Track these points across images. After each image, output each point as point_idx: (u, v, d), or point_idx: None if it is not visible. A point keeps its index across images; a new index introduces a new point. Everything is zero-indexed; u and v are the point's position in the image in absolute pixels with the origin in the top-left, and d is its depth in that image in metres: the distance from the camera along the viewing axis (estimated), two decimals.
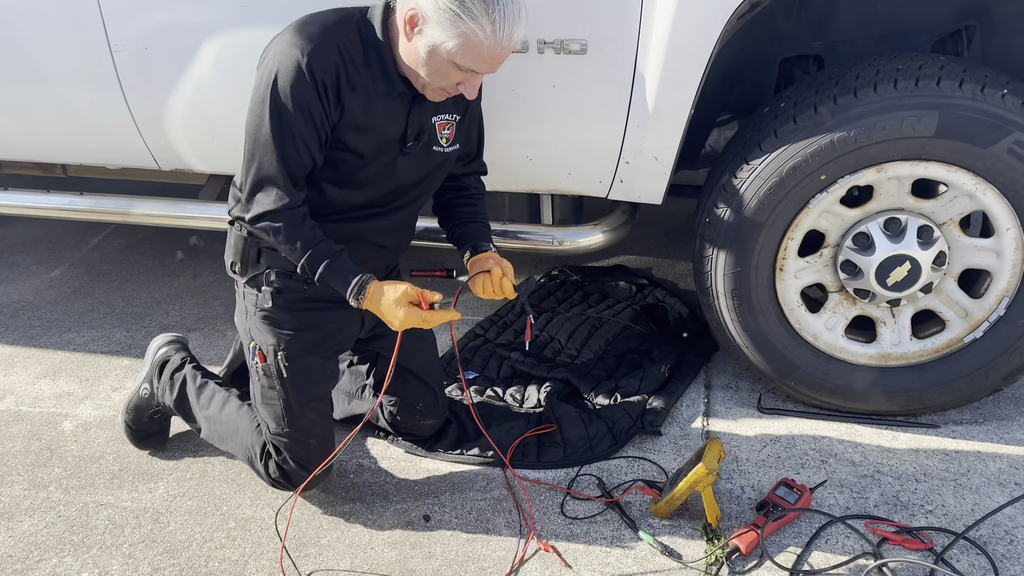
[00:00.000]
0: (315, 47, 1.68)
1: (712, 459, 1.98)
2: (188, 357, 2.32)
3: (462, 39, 1.61)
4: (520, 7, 1.64)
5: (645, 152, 2.21)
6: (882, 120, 2.01)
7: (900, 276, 2.16)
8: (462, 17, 1.59)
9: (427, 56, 1.67)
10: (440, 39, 1.63)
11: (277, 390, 2.00)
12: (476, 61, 1.65)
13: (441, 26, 1.61)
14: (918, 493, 2.13)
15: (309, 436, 2.06)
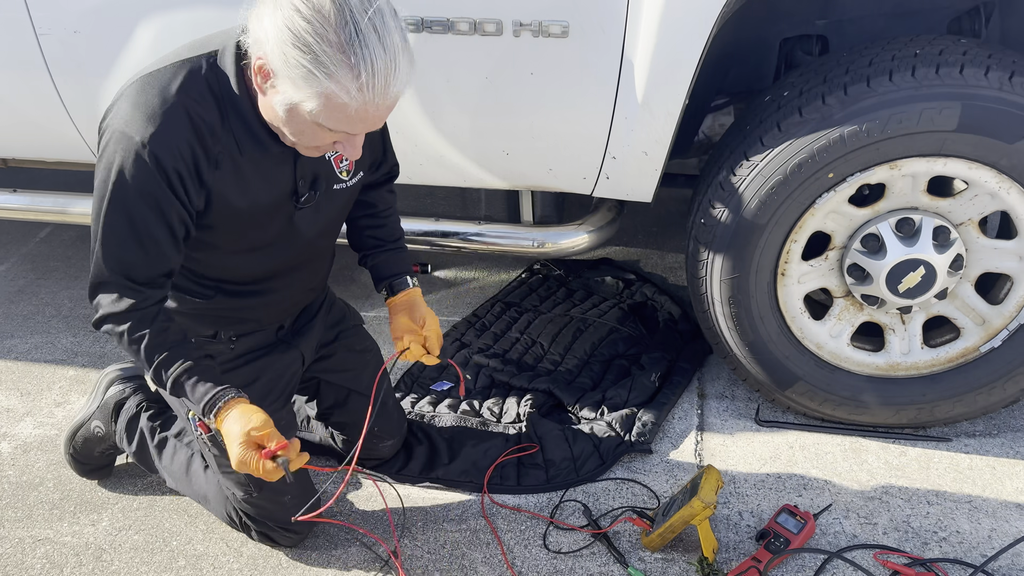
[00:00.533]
0: (158, 129, 1.37)
1: (709, 491, 1.80)
2: (143, 400, 2.10)
3: (322, 100, 1.28)
4: (397, 50, 1.27)
5: (634, 146, 2.00)
6: (898, 112, 1.80)
7: (913, 282, 1.97)
8: (315, 75, 1.25)
9: (286, 116, 1.35)
10: (296, 99, 1.30)
11: None
12: (346, 123, 1.33)
13: (293, 83, 1.28)
14: (930, 517, 1.96)
15: (282, 495, 1.85)
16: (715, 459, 2.15)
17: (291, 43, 1.24)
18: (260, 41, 1.29)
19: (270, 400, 1.81)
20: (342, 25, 1.23)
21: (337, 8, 1.23)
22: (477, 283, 2.99)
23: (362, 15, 1.24)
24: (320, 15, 1.23)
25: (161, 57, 1.49)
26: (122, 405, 2.10)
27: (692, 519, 1.80)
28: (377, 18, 1.25)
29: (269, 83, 1.33)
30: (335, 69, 1.24)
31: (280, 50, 1.26)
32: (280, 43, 1.25)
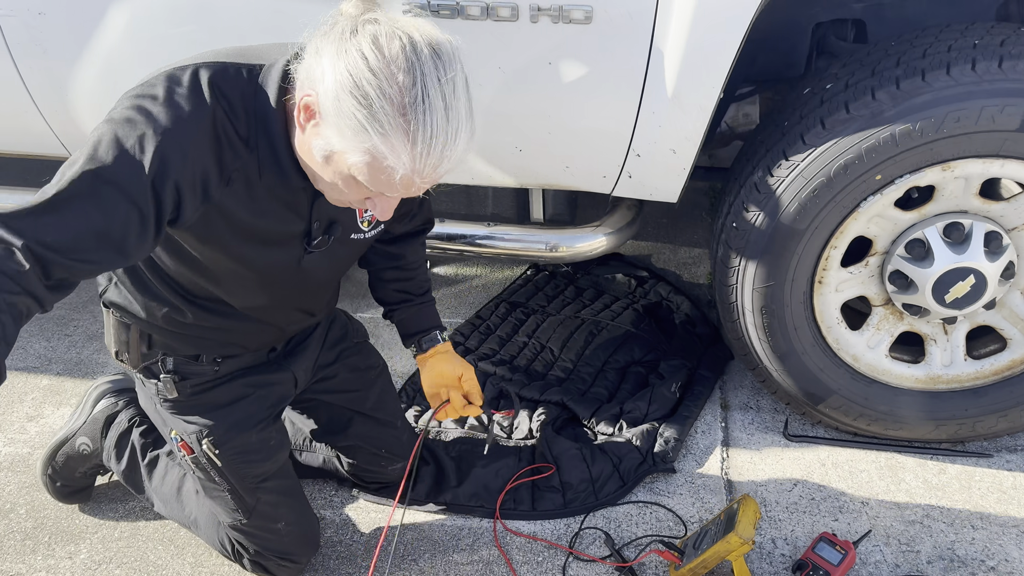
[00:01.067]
0: (178, 127, 1.17)
1: (747, 525, 1.65)
2: (135, 414, 1.92)
3: (367, 157, 1.13)
4: (460, 123, 1.14)
5: (660, 143, 1.82)
6: (955, 110, 1.63)
7: (962, 292, 1.82)
8: (367, 130, 1.10)
9: (323, 161, 1.20)
10: (339, 148, 1.15)
11: (217, 481, 1.63)
12: (387, 186, 1.18)
13: (340, 132, 1.13)
14: (976, 544, 1.83)
15: (274, 521, 1.70)
16: (743, 479, 2.01)
17: (349, 90, 1.10)
18: (314, 79, 1.14)
19: (256, 419, 1.64)
20: (409, 85, 1.09)
21: (409, 65, 1.09)
22: (480, 281, 2.82)
23: (433, 80, 1.10)
24: (389, 69, 1.09)
25: (201, 53, 1.29)
26: (113, 419, 1.92)
27: (728, 555, 1.65)
28: (448, 86, 1.12)
29: (312, 123, 1.18)
30: (390, 130, 1.10)
31: (335, 93, 1.11)
32: (337, 86, 1.11)
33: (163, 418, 1.64)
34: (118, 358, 1.58)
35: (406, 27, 1.12)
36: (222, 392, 1.61)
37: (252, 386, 1.65)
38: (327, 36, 1.14)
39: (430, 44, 1.12)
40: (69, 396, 2.33)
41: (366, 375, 1.84)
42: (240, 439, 1.60)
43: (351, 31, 1.11)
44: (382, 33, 1.10)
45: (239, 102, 1.24)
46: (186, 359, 1.57)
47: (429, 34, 1.13)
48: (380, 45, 1.09)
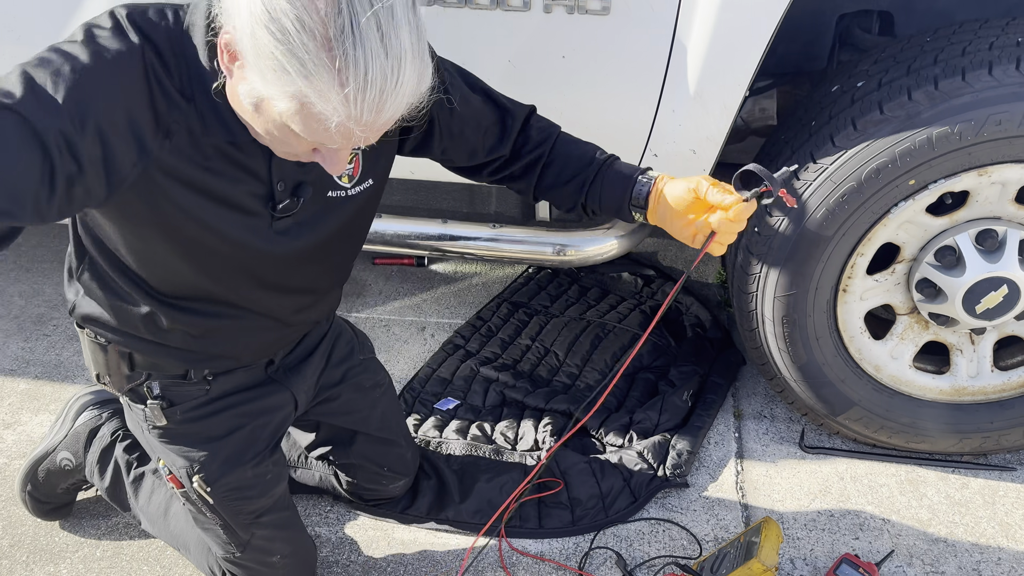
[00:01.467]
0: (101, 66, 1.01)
1: (771, 551, 1.56)
2: (118, 427, 1.80)
3: (294, 103, 0.96)
4: (403, 55, 0.94)
5: (680, 143, 1.72)
6: (997, 112, 1.53)
7: (994, 302, 1.73)
8: (288, 71, 0.93)
9: (253, 110, 1.03)
10: (264, 93, 0.98)
11: (209, 516, 1.51)
12: (324, 136, 1.00)
13: (262, 75, 0.96)
14: (1003, 564, 1.75)
15: (270, 555, 1.59)
16: (758, 493, 1.92)
17: (264, 24, 0.92)
18: (231, 12, 0.97)
19: (252, 453, 1.50)
20: (335, 13, 0.90)
21: None
22: (480, 279, 2.71)
23: (364, 3, 0.91)
24: (310, 2, 0.90)
25: None
26: (96, 432, 1.80)
27: None
28: (385, 12, 0.92)
29: (236, 65, 1.01)
30: (313, 69, 0.92)
31: (251, 29, 0.94)
32: (252, 20, 0.93)
33: (151, 446, 1.52)
34: (100, 381, 1.45)
35: None
36: (215, 423, 1.47)
37: (248, 416, 1.50)
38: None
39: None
40: (48, 401, 2.21)
41: (371, 394, 1.72)
42: (234, 475, 1.47)
43: None
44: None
45: (167, 46, 1.06)
46: (173, 380, 1.42)
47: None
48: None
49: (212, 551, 1.63)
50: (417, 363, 2.34)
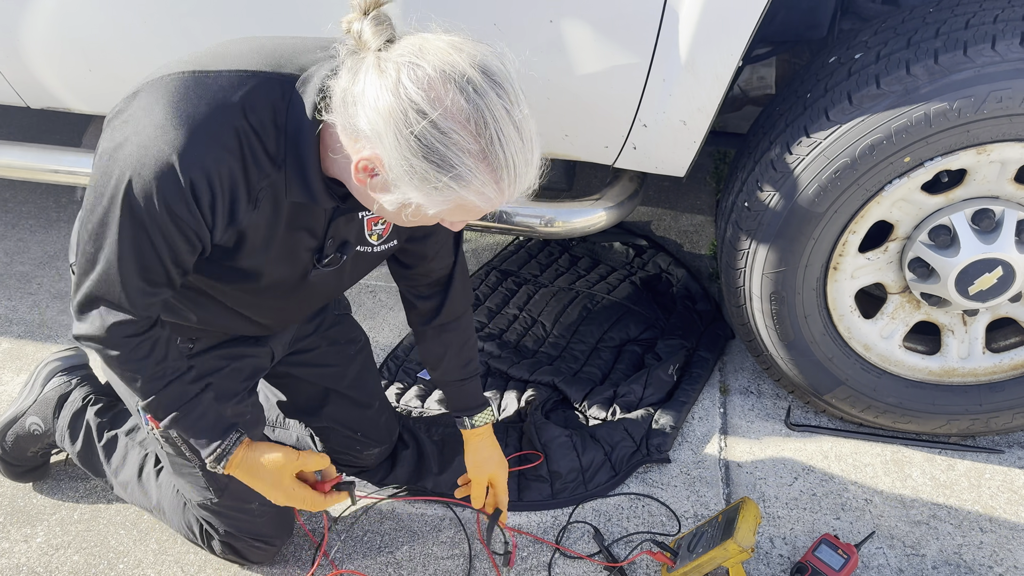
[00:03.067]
0: (198, 145, 1.08)
1: (747, 532, 1.55)
2: (89, 392, 1.79)
3: (452, 204, 1.06)
4: (532, 137, 1.04)
5: (670, 114, 1.66)
6: (998, 89, 1.48)
7: (987, 284, 1.69)
8: (452, 187, 1.02)
9: (397, 210, 1.10)
10: (419, 202, 1.06)
11: (188, 457, 1.50)
12: (467, 216, 1.12)
13: (421, 191, 1.04)
14: (984, 548, 1.74)
15: (247, 501, 1.58)
16: (741, 470, 1.91)
17: (422, 155, 1.01)
18: (365, 134, 1.04)
19: (231, 391, 1.53)
20: (482, 129, 1.00)
21: (474, 108, 0.99)
22: (469, 246, 2.67)
23: (502, 112, 1.00)
24: (456, 122, 0.99)
25: (216, 50, 1.16)
26: (65, 399, 1.79)
27: (725, 562, 1.55)
28: (515, 109, 1.02)
29: (377, 179, 1.08)
30: (472, 178, 1.02)
31: (405, 159, 1.01)
32: (406, 151, 1.01)
33: None
34: None
35: (446, 59, 1.00)
36: (195, 364, 1.47)
37: (226, 359, 1.52)
38: (358, 73, 1.03)
39: (482, 71, 1.01)
40: (30, 361, 2.20)
41: (346, 349, 1.72)
42: None
43: (394, 79, 0.99)
44: (427, 78, 0.98)
45: (269, 116, 1.12)
46: None
47: (473, 57, 1.01)
48: (437, 96, 0.98)
49: (188, 504, 1.63)
50: (402, 331, 2.31)
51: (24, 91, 1.96)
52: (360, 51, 1.05)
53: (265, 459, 1.38)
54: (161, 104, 1.09)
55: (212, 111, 1.09)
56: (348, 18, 1.06)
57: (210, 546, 1.67)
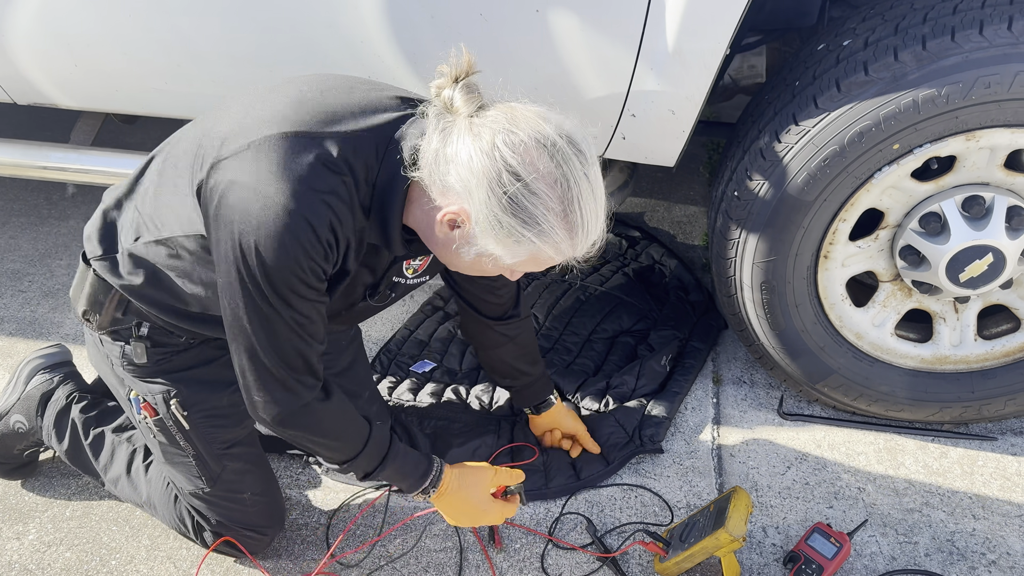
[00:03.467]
0: (311, 195, 1.16)
1: (739, 522, 1.54)
2: (73, 390, 1.79)
3: (528, 256, 1.18)
4: (601, 201, 1.18)
5: (659, 103, 1.66)
6: (986, 75, 1.47)
7: (978, 271, 1.68)
8: (529, 238, 1.14)
9: (472, 262, 1.24)
10: (495, 252, 1.18)
11: (182, 446, 1.51)
12: (540, 267, 1.24)
13: (502, 244, 1.16)
14: (976, 535, 1.74)
15: (239, 491, 1.59)
16: (734, 460, 1.90)
17: (511, 212, 1.12)
18: (455, 191, 1.15)
19: (226, 383, 1.52)
20: (565, 191, 1.12)
21: (561, 173, 1.11)
22: None
23: (582, 176, 1.13)
24: (546, 184, 1.11)
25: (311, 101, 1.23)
26: (49, 397, 1.79)
27: (717, 551, 1.55)
28: (592, 172, 1.15)
29: (459, 232, 1.19)
30: (552, 234, 1.14)
31: (494, 215, 1.13)
32: (496, 208, 1.12)
33: (121, 379, 1.51)
34: (84, 317, 1.45)
35: (537, 128, 1.12)
36: (192, 354, 1.50)
37: (224, 348, 1.51)
38: (450, 135, 1.13)
39: (567, 139, 1.13)
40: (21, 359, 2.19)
41: (338, 339, 1.74)
42: (211, 401, 1.50)
43: (490, 143, 1.10)
44: (522, 144, 1.10)
45: (363, 174, 1.21)
46: (162, 329, 1.45)
47: (559, 127, 1.13)
48: (531, 161, 1.10)
49: (179, 498, 1.64)
50: (395, 324, 2.31)
51: (10, 87, 1.95)
52: (450, 114, 1.15)
53: (472, 479, 1.51)
54: (270, 170, 1.16)
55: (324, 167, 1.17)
56: (438, 83, 1.18)
57: (202, 539, 1.67)
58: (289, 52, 1.73)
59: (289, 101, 1.23)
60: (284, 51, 1.73)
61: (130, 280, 1.37)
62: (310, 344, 1.28)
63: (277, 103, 1.23)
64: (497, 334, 1.72)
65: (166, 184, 1.31)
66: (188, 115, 1.95)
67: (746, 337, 1.91)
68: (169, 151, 1.35)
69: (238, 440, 1.58)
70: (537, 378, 1.82)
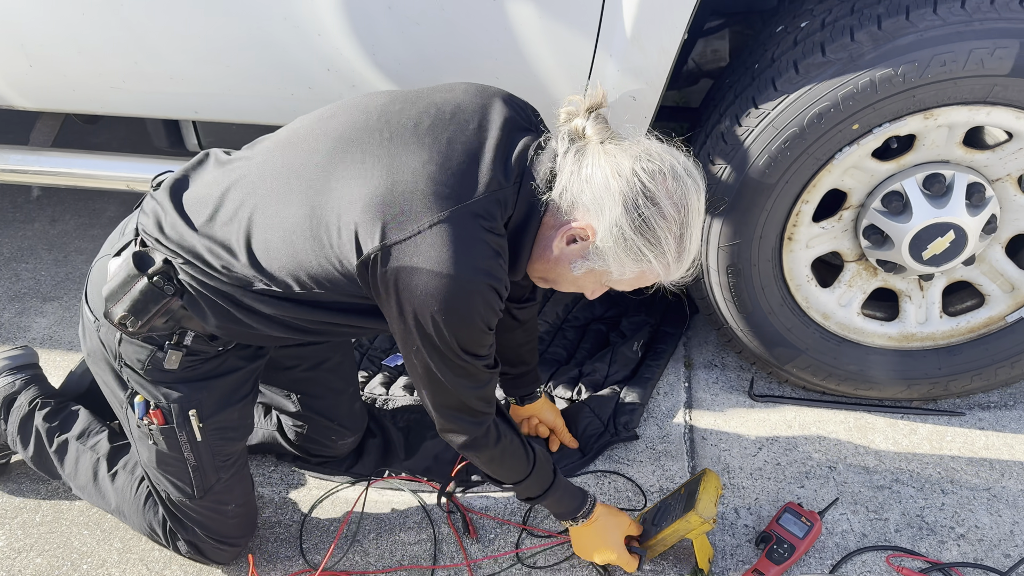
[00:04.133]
0: (497, 275, 1.25)
1: (709, 503, 1.55)
2: (37, 395, 1.76)
3: (636, 274, 1.27)
4: (701, 228, 1.29)
5: (620, 89, 1.65)
6: (942, 53, 1.48)
7: (940, 248, 1.70)
8: (647, 256, 1.23)
9: (578, 276, 1.31)
10: (609, 269, 1.26)
11: (185, 456, 1.49)
12: (643, 283, 1.32)
13: (618, 261, 1.24)
14: (946, 510, 1.76)
15: (225, 503, 1.58)
16: (706, 443, 1.91)
17: (639, 231, 1.21)
18: (587, 208, 1.22)
19: (241, 394, 1.52)
20: (684, 218, 1.22)
21: (683, 201, 1.21)
22: None
23: (696, 205, 1.23)
24: (671, 206, 1.20)
25: (456, 157, 1.25)
26: (12, 401, 1.77)
27: (688, 533, 1.56)
28: (703, 203, 1.26)
29: (576, 247, 1.27)
30: (666, 249, 1.23)
31: (620, 232, 1.21)
32: (625, 226, 1.21)
33: (124, 381, 1.47)
34: (120, 321, 1.34)
35: (669, 160, 1.21)
36: (217, 363, 1.47)
37: (244, 359, 1.51)
38: (584, 158, 1.22)
39: (688, 171, 1.23)
40: None
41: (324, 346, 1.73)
42: (224, 414, 1.50)
43: (629, 168, 1.19)
44: (660, 171, 1.20)
45: (499, 215, 1.25)
46: (205, 338, 1.42)
47: (685, 162, 1.24)
48: (666, 188, 1.19)
49: (149, 507, 1.63)
50: None
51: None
52: (580, 141, 1.24)
53: (615, 521, 1.59)
54: (434, 249, 1.19)
55: (490, 242, 1.24)
56: (568, 110, 1.28)
57: (175, 546, 1.65)
58: (246, 47, 1.71)
59: (427, 159, 1.23)
60: (241, 46, 1.71)
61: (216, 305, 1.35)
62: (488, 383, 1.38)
63: (413, 163, 1.23)
64: (511, 317, 1.72)
65: (279, 246, 1.29)
66: (148, 113, 1.93)
67: (715, 321, 1.92)
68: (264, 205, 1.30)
69: (237, 452, 1.58)
70: (531, 369, 1.84)
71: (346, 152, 1.26)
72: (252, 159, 1.36)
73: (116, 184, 2.05)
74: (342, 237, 1.23)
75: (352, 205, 1.22)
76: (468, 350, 1.28)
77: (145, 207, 1.39)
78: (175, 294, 1.33)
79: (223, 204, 1.32)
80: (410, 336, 1.26)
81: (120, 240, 1.42)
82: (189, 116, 1.91)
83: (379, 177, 1.22)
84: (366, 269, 1.22)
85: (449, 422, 1.39)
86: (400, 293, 1.22)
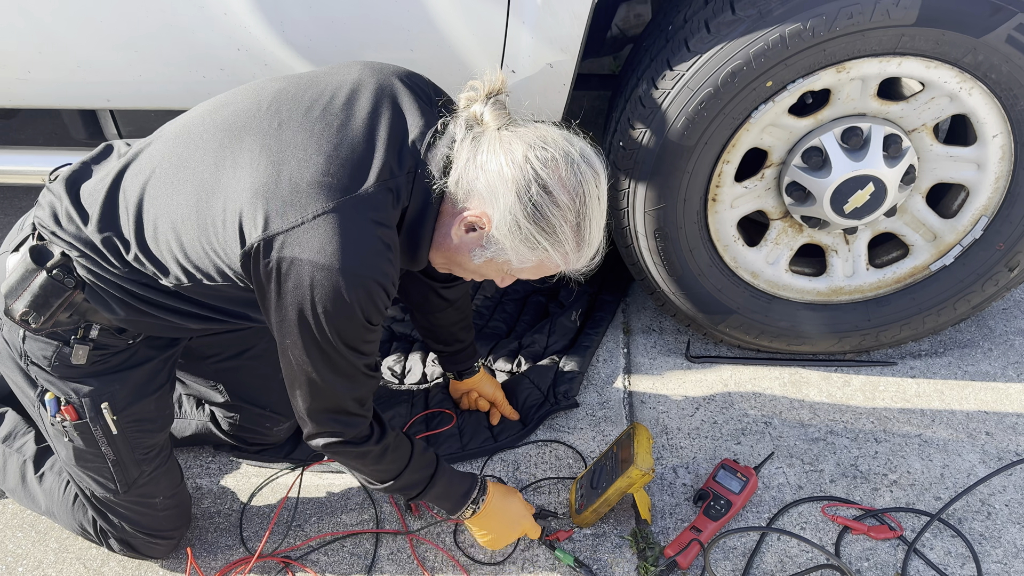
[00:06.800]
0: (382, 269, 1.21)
1: (645, 455, 1.57)
2: None
3: (535, 263, 1.26)
4: (604, 220, 1.27)
5: (535, 58, 1.64)
6: (848, 5, 1.49)
7: (861, 201, 1.72)
8: (543, 245, 1.22)
9: (479, 265, 1.29)
10: (507, 258, 1.25)
11: (103, 451, 1.46)
12: (543, 274, 1.31)
13: (516, 250, 1.23)
14: (879, 458, 1.80)
15: (152, 496, 1.56)
16: (645, 407, 1.93)
17: (533, 219, 1.19)
18: (483, 196, 1.20)
19: (156, 385, 1.49)
20: (581, 205, 1.21)
21: (579, 188, 1.19)
22: None
23: (594, 191, 1.22)
24: (565, 194, 1.19)
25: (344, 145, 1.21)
26: None
27: (630, 489, 1.58)
28: (603, 190, 1.24)
29: (474, 235, 1.25)
30: (564, 243, 1.22)
31: (515, 221, 1.19)
32: (520, 215, 1.19)
33: (32, 379, 1.44)
34: (22, 318, 1.31)
35: (564, 147, 1.20)
36: (128, 355, 1.44)
37: (156, 348, 1.48)
38: (480, 146, 1.19)
39: (587, 159, 1.21)
40: None
41: None
42: (139, 406, 1.46)
43: (522, 155, 1.17)
44: (553, 159, 1.18)
45: (390, 205, 1.22)
46: (112, 330, 1.39)
47: (582, 149, 1.22)
48: (559, 176, 1.18)
49: (80, 506, 1.60)
50: None
51: None
52: (478, 127, 1.22)
53: (510, 492, 1.58)
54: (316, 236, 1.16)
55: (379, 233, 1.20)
56: (467, 96, 1.25)
57: (108, 544, 1.63)
58: (153, 31, 1.67)
59: (315, 148, 1.20)
60: (147, 30, 1.67)
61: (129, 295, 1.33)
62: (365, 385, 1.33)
63: (301, 152, 1.20)
64: (439, 298, 1.72)
65: (168, 238, 1.26)
66: (60, 104, 1.88)
67: (647, 285, 1.93)
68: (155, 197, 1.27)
69: (159, 445, 1.55)
70: (468, 345, 1.84)
71: (236, 142, 1.23)
72: (149, 149, 1.33)
73: (34, 179, 2.00)
74: (227, 227, 1.20)
75: (238, 195, 1.19)
76: (349, 344, 1.24)
77: (42, 200, 1.35)
78: (76, 287, 1.29)
79: (117, 196, 1.29)
80: (288, 330, 1.22)
81: (18, 235, 1.38)
82: (102, 105, 1.86)
83: (266, 166, 1.19)
84: (248, 259, 1.19)
85: (322, 426, 1.35)
86: (282, 284, 1.19)
